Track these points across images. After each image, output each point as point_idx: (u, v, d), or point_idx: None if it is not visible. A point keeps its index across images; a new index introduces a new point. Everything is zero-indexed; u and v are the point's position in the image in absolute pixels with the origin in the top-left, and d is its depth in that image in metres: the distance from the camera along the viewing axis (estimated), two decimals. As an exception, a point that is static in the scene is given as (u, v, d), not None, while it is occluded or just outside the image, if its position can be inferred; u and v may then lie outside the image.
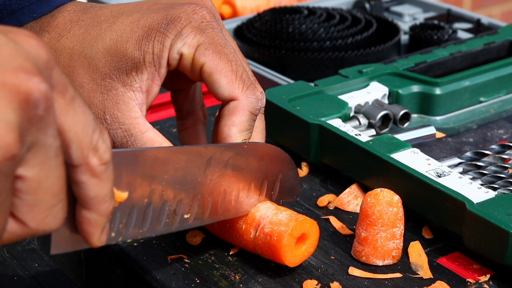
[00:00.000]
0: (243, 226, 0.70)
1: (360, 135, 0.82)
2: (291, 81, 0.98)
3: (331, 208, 0.80)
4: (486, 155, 0.81)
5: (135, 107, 0.69)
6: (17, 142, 0.43)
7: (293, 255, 0.68)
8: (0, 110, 0.42)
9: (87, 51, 0.69)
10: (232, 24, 1.18)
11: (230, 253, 0.72)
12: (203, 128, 0.77)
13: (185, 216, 0.65)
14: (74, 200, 0.51)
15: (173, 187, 0.63)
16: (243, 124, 0.69)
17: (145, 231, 0.62)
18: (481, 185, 0.76)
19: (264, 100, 0.73)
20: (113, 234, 0.59)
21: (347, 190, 0.81)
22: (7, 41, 0.44)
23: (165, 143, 0.69)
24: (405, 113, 0.90)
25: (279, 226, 0.67)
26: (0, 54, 0.43)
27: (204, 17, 0.70)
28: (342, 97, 0.90)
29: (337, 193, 0.82)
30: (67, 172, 0.48)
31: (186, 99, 0.77)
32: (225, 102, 0.70)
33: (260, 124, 0.73)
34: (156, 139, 0.69)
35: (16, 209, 0.46)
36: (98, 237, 0.53)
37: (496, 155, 0.81)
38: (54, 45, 0.70)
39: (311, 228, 0.69)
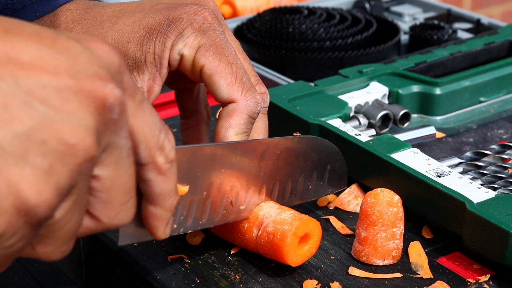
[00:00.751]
0: (246, 225, 0.70)
1: (360, 135, 0.82)
2: (291, 81, 0.98)
3: (331, 208, 0.80)
4: (486, 155, 0.81)
5: None
6: (95, 145, 0.45)
7: (296, 254, 0.68)
8: (79, 115, 0.44)
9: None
10: (232, 24, 1.18)
11: (231, 253, 0.72)
12: (206, 127, 0.77)
13: (241, 207, 0.68)
14: (140, 195, 0.53)
15: (229, 180, 0.66)
16: (239, 127, 0.69)
17: (204, 222, 0.65)
18: (481, 185, 0.76)
19: (268, 101, 0.74)
20: (175, 226, 0.62)
21: (347, 190, 0.81)
22: (82, 49, 0.46)
23: None
24: (405, 113, 0.90)
25: (282, 225, 0.67)
26: (77, 62, 0.45)
27: (206, 18, 0.70)
28: (342, 97, 0.90)
29: (337, 193, 0.81)
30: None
31: (190, 98, 0.77)
32: (224, 104, 0.70)
33: (262, 125, 0.73)
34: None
35: (91, 206, 0.48)
36: (163, 230, 0.55)
37: (496, 155, 0.81)
38: None
39: (314, 228, 0.69)
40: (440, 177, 0.74)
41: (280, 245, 0.67)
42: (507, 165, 0.79)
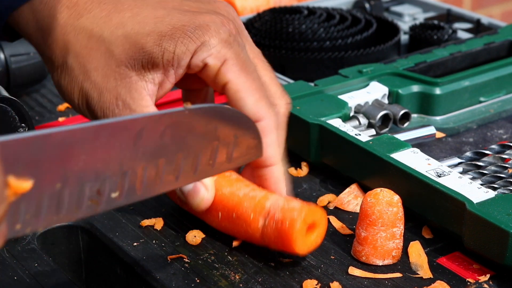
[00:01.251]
0: (251, 215, 0.70)
1: (360, 135, 0.82)
2: (291, 81, 0.98)
3: (331, 208, 0.80)
4: (486, 155, 0.81)
5: (146, 96, 0.69)
6: None
7: (303, 242, 0.68)
8: None
9: (106, 36, 0.69)
10: (232, 24, 1.18)
11: (233, 245, 0.72)
12: None
13: (113, 195, 0.58)
14: None
15: (93, 166, 0.56)
16: (275, 143, 0.71)
17: (62, 217, 0.56)
18: (481, 185, 0.76)
19: (290, 109, 0.75)
20: (18, 227, 0.53)
21: (347, 190, 0.81)
22: None
23: None
24: (405, 113, 0.90)
25: (291, 212, 0.68)
26: None
27: (231, 31, 0.70)
28: (342, 97, 0.90)
29: (337, 193, 0.82)
30: None
31: (198, 98, 0.77)
32: None
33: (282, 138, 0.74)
34: None
35: None
36: None
37: (496, 155, 0.81)
38: (73, 22, 0.70)
39: (322, 217, 0.69)
40: (440, 177, 0.74)
41: (288, 232, 0.67)
42: (507, 165, 0.79)
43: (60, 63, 0.71)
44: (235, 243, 0.72)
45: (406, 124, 0.90)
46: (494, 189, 0.75)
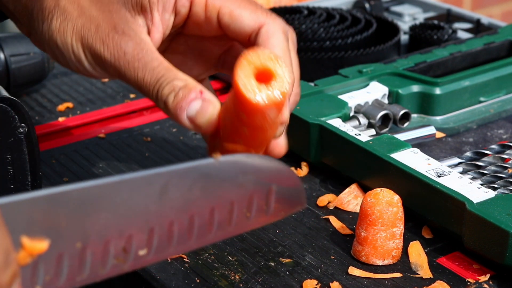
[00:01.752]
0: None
1: (360, 135, 0.82)
2: (291, 81, 0.98)
3: (331, 208, 0.80)
4: (486, 155, 0.81)
5: (143, 28, 0.67)
6: None
7: (255, 89, 0.59)
8: None
9: None
10: (232, 24, 1.18)
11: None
12: None
13: (141, 253, 0.55)
14: None
15: (115, 223, 0.53)
16: (282, 44, 0.66)
17: (86, 277, 0.52)
18: (481, 185, 0.76)
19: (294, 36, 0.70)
20: None
21: (347, 190, 0.81)
22: None
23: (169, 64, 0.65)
24: (405, 113, 0.90)
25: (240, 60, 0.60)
26: None
27: None
28: (342, 97, 0.90)
29: (337, 193, 0.82)
30: None
31: (198, 65, 0.74)
32: (253, 36, 0.67)
33: (294, 60, 0.69)
34: (162, 57, 0.65)
35: None
36: None
37: (496, 155, 0.81)
38: None
39: (276, 65, 0.59)
40: (440, 177, 0.74)
41: (234, 78, 0.59)
42: (507, 165, 0.79)
43: (52, 8, 0.67)
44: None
45: (406, 124, 0.90)
46: (494, 189, 0.75)
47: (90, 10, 0.67)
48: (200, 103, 0.63)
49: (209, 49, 0.73)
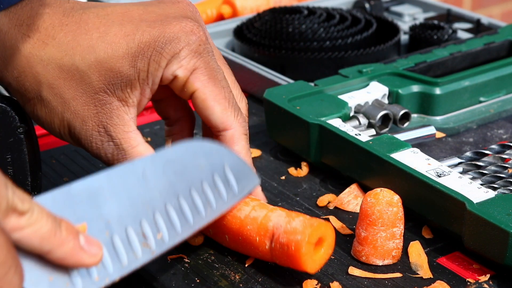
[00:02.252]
0: (257, 238, 0.68)
1: (360, 135, 0.82)
2: (291, 81, 0.98)
3: (331, 208, 0.80)
4: (486, 155, 0.81)
5: (129, 122, 0.68)
6: None
7: (313, 261, 0.67)
8: None
9: (79, 64, 0.66)
10: (232, 24, 1.18)
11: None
12: (191, 133, 0.76)
13: (158, 237, 0.62)
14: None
15: (124, 210, 0.60)
16: (245, 149, 0.71)
17: (127, 264, 0.59)
18: (481, 185, 0.76)
19: (247, 104, 0.76)
20: (96, 279, 0.57)
21: (347, 190, 0.81)
22: None
23: None
24: (405, 113, 0.90)
25: (295, 235, 0.66)
26: None
27: (201, 39, 0.69)
28: (342, 97, 0.90)
29: (337, 193, 0.82)
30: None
31: (170, 107, 0.75)
32: (216, 130, 0.71)
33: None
34: (146, 153, 0.69)
35: None
36: (88, 258, 0.54)
37: (496, 155, 0.81)
38: (39, 53, 0.67)
39: (327, 230, 0.67)
40: (440, 177, 0.74)
41: (296, 255, 0.66)
42: (507, 165, 0.79)
43: (33, 96, 0.68)
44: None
45: (406, 124, 0.90)
46: (494, 189, 0.75)
47: (74, 105, 0.67)
48: None
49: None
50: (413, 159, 0.77)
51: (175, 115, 0.75)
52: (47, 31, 0.67)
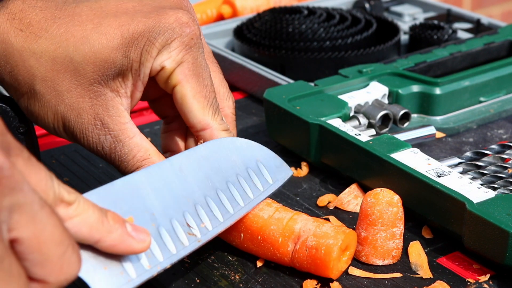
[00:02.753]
0: (280, 239, 0.68)
1: (360, 135, 0.82)
2: (291, 81, 0.98)
3: (331, 208, 0.80)
4: (486, 155, 0.81)
5: (124, 112, 0.68)
6: None
7: (338, 267, 0.67)
8: None
9: (73, 55, 0.66)
10: (232, 24, 1.18)
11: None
12: (187, 131, 0.76)
13: (202, 226, 0.65)
14: None
15: (167, 203, 0.63)
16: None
17: (176, 253, 0.62)
18: (481, 185, 0.76)
19: (234, 103, 0.76)
20: (148, 267, 0.59)
21: (347, 190, 0.81)
22: None
23: (152, 148, 0.69)
24: (405, 113, 0.90)
25: (326, 239, 0.66)
26: None
27: (195, 33, 0.69)
28: (342, 97, 0.90)
29: (337, 193, 0.82)
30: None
31: (166, 105, 0.75)
32: (194, 130, 0.71)
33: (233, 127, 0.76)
34: (142, 144, 0.69)
35: (30, 272, 0.46)
36: (137, 244, 0.55)
37: (496, 155, 0.81)
38: (31, 46, 0.66)
39: (354, 239, 0.69)
40: (440, 177, 0.74)
41: (325, 259, 0.66)
42: (507, 165, 0.79)
43: (26, 90, 0.67)
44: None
45: (406, 124, 0.90)
46: (494, 189, 0.75)
47: (69, 97, 0.67)
48: None
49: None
50: (413, 159, 0.77)
51: (173, 113, 0.75)
52: (39, 24, 0.66)
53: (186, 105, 0.69)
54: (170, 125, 0.76)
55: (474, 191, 0.72)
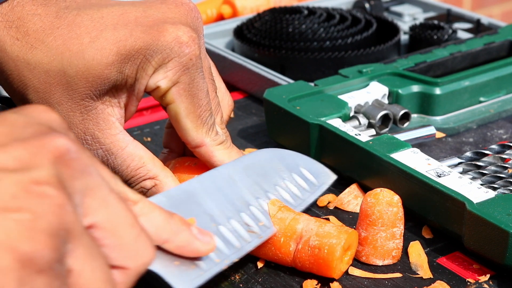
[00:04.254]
0: (282, 239, 0.68)
1: (360, 135, 0.82)
2: (291, 81, 0.98)
3: (331, 208, 0.80)
4: (486, 155, 0.81)
5: (115, 123, 0.68)
6: (64, 199, 0.43)
7: (340, 267, 0.68)
8: (38, 169, 0.43)
9: (67, 69, 0.65)
10: (232, 24, 1.18)
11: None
12: None
13: (260, 224, 0.67)
14: None
15: (223, 207, 0.66)
16: (226, 155, 0.72)
17: (241, 247, 0.64)
18: (481, 185, 0.76)
19: (231, 107, 0.78)
20: (217, 260, 0.61)
21: (347, 190, 0.81)
22: (17, 116, 0.46)
23: (146, 155, 0.69)
24: (405, 113, 0.90)
25: (328, 238, 0.66)
26: (15, 126, 0.45)
27: (194, 53, 0.67)
28: (342, 97, 0.90)
29: (337, 193, 0.82)
30: None
31: None
32: (190, 146, 0.72)
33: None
34: (136, 153, 0.69)
35: (110, 258, 0.47)
36: (202, 246, 0.57)
37: (496, 155, 0.81)
38: (26, 56, 0.65)
39: (355, 239, 0.69)
40: (440, 177, 0.74)
41: (328, 258, 0.66)
42: (507, 165, 0.79)
43: (20, 97, 0.67)
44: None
45: (406, 124, 0.90)
46: (494, 189, 0.75)
47: (60, 110, 0.67)
48: None
49: None
50: (413, 159, 0.77)
51: None
52: (36, 34, 0.66)
53: (180, 124, 0.70)
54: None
55: (474, 191, 0.72)
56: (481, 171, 0.78)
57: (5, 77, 0.67)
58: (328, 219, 0.77)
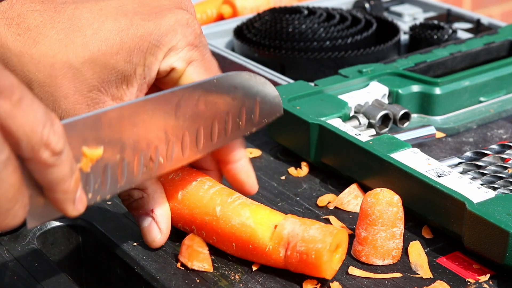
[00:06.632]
0: (270, 247, 0.68)
1: (360, 135, 0.82)
2: (291, 81, 0.99)
3: (331, 208, 0.80)
4: (486, 155, 0.81)
5: None
6: None
7: (331, 268, 0.67)
8: None
9: (72, 61, 0.65)
10: (232, 24, 1.18)
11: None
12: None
13: (161, 161, 0.66)
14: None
15: (144, 137, 0.63)
16: (241, 141, 0.72)
17: (123, 184, 0.63)
18: (481, 185, 0.76)
19: None
20: (90, 196, 0.59)
21: (347, 190, 0.81)
22: None
23: None
24: (405, 113, 0.90)
25: (314, 243, 0.66)
26: None
27: (196, 32, 0.69)
28: (342, 97, 0.90)
29: (337, 193, 0.82)
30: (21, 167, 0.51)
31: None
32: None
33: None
34: None
35: None
36: (72, 209, 0.55)
37: (496, 155, 0.81)
38: (30, 51, 0.65)
39: (343, 237, 0.68)
40: (440, 177, 0.74)
41: (316, 263, 0.66)
42: (507, 165, 0.79)
43: None
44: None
45: (406, 124, 0.90)
46: (494, 189, 0.75)
47: (66, 103, 0.66)
48: (149, 222, 0.72)
49: None
50: (413, 159, 0.77)
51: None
52: (38, 29, 0.66)
53: None
54: None
55: (474, 191, 0.72)
56: (481, 171, 0.78)
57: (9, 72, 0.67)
58: (328, 219, 0.77)
